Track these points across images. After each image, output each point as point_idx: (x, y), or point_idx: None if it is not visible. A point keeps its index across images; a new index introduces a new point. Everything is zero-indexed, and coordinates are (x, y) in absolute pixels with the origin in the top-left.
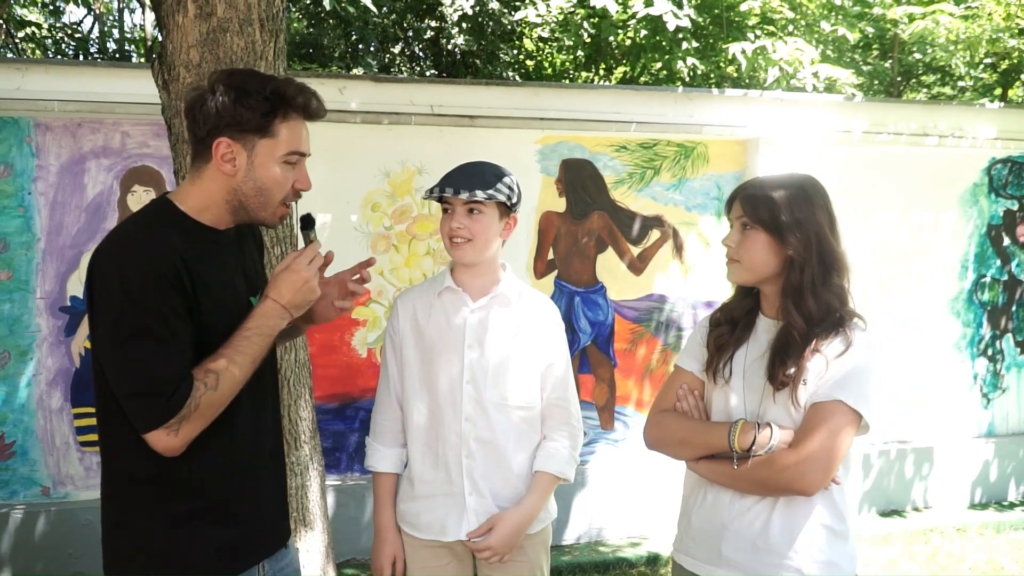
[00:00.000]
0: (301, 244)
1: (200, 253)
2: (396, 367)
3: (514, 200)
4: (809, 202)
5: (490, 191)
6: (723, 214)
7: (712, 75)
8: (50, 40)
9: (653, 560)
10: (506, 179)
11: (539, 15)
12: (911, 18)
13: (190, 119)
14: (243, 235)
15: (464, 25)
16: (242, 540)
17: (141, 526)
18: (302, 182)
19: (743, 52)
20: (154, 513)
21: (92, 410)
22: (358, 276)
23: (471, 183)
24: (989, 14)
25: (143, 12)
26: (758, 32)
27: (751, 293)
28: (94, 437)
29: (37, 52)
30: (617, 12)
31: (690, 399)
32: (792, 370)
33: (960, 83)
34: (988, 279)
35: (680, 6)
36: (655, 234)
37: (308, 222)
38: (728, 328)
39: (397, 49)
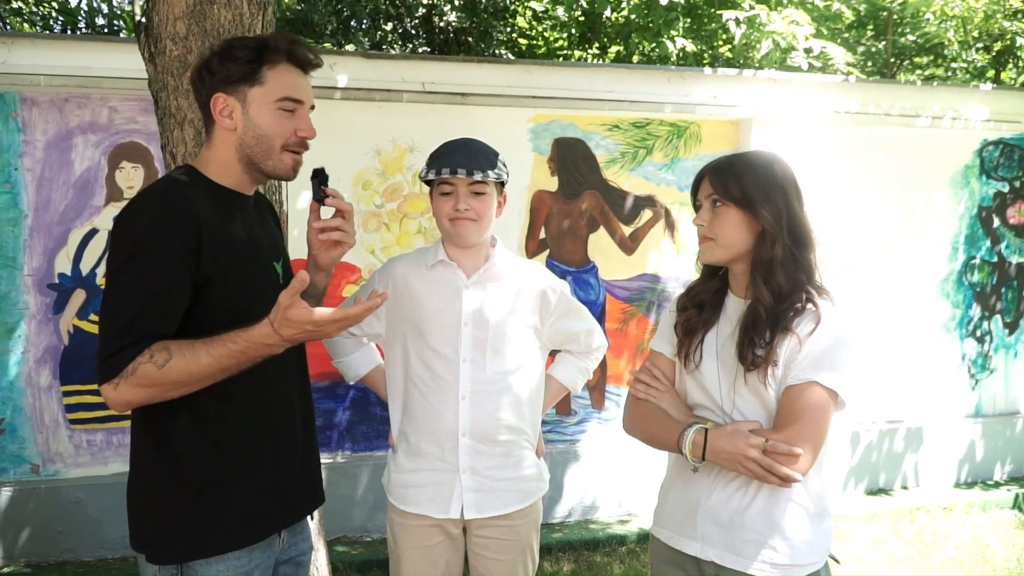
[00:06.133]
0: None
1: (227, 215)
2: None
3: (508, 179)
4: (777, 176)
5: (496, 170)
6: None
7: (704, 55)
8: (38, 14)
9: (643, 537)
10: (500, 156)
11: None
12: None
13: (194, 89)
14: (260, 204)
15: (456, 2)
16: (256, 508)
17: (159, 498)
18: (304, 129)
19: (738, 21)
20: (169, 486)
21: (81, 388)
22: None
23: (477, 163)
24: None
25: None
26: (751, 3)
27: (716, 274)
28: (84, 415)
29: (24, 26)
30: None
31: (658, 385)
32: (762, 350)
33: (953, 65)
34: (978, 260)
35: None
36: (647, 214)
37: (320, 175)
38: (695, 311)
39: (389, 26)
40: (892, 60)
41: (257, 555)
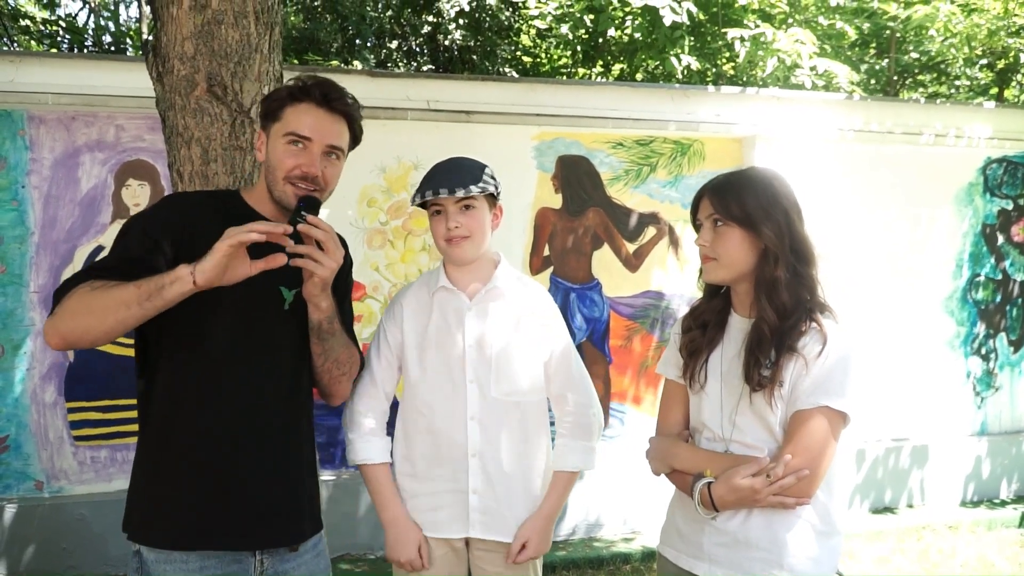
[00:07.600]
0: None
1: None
2: (386, 361)
3: (500, 190)
4: (776, 193)
5: (481, 184)
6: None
7: (708, 73)
8: (45, 32)
9: (648, 556)
10: (487, 170)
11: (538, 5)
12: (908, 3)
13: None
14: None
15: (461, 21)
16: (203, 516)
17: (133, 476)
18: (307, 165)
19: (742, 40)
20: (136, 467)
21: (86, 404)
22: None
23: (461, 180)
24: (986, 9)
25: (139, 4)
26: (757, 23)
27: (719, 293)
28: (88, 432)
29: (32, 44)
30: (616, 7)
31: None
32: (767, 370)
33: (956, 82)
34: (982, 278)
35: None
36: (651, 231)
37: (308, 201)
38: (699, 332)
39: (394, 44)
40: (895, 78)
41: (213, 564)
